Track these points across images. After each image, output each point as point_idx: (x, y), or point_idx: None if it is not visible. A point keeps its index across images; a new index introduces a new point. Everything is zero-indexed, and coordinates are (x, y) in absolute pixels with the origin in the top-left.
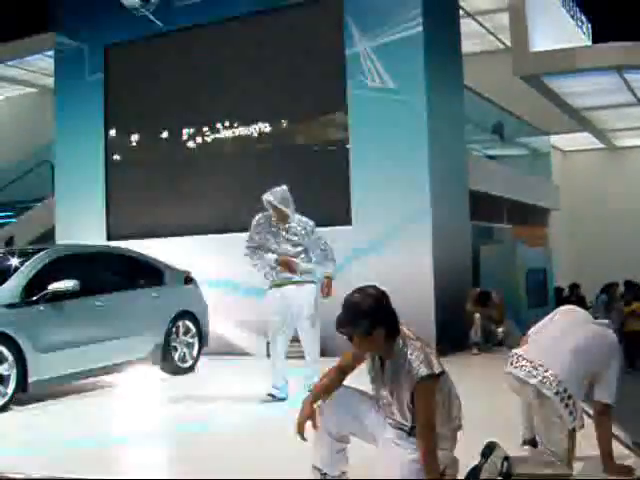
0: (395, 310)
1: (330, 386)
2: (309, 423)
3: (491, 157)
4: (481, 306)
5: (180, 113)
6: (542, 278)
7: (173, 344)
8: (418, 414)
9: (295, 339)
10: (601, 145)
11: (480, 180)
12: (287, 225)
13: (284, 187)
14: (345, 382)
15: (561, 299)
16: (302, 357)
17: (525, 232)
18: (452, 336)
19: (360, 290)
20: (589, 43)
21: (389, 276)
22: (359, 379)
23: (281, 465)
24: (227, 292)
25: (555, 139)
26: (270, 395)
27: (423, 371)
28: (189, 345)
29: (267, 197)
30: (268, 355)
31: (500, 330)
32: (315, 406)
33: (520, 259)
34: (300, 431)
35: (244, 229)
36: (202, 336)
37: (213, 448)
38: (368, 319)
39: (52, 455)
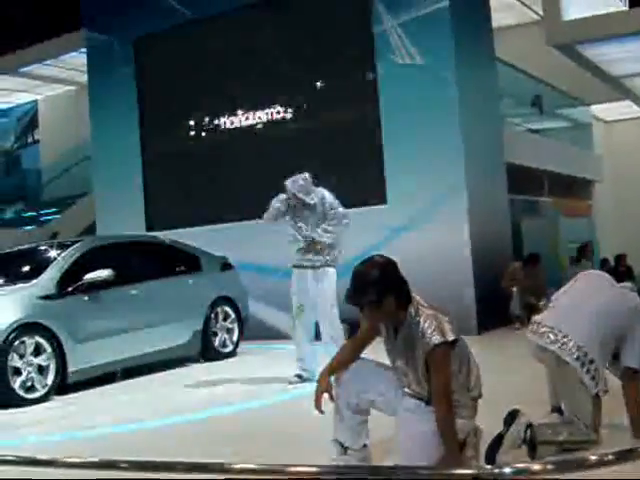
0: (405, 278)
1: (346, 359)
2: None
3: (532, 131)
4: (531, 267)
5: (212, 100)
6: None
7: (213, 330)
8: (433, 382)
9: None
10: None
11: (520, 153)
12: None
13: (305, 175)
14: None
15: (607, 270)
16: None
17: (568, 204)
18: (493, 311)
19: (367, 260)
20: (625, 8)
21: (427, 254)
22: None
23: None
24: (266, 277)
25: (596, 110)
26: (297, 376)
27: (436, 339)
28: (229, 330)
29: (288, 184)
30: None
31: (542, 303)
32: (332, 379)
33: (563, 232)
34: (318, 405)
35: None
36: (242, 321)
37: (245, 426)
38: (376, 288)
39: (95, 440)
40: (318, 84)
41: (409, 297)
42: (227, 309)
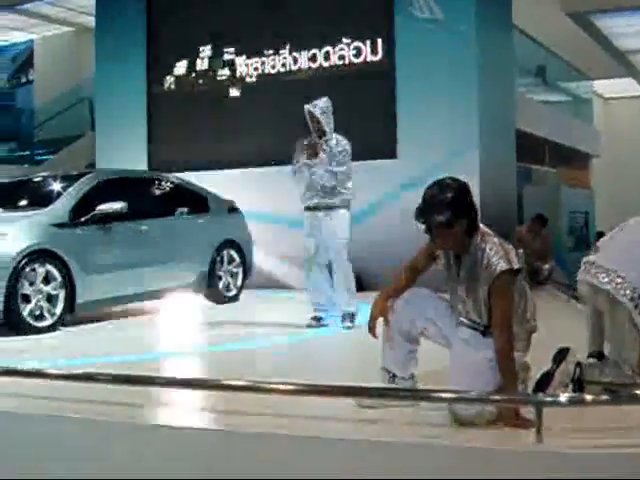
0: (476, 204)
1: (401, 285)
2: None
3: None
4: (538, 227)
5: (221, 43)
6: (584, 221)
7: (218, 273)
8: (495, 311)
9: None
10: None
11: (524, 120)
12: (324, 144)
13: (327, 98)
14: None
15: None
16: None
17: (570, 174)
18: None
19: (442, 181)
20: None
21: None
22: None
23: (335, 373)
24: (269, 225)
25: (597, 85)
26: (314, 319)
27: (502, 266)
28: (233, 274)
29: (309, 107)
30: None
31: (546, 267)
32: (387, 303)
33: (563, 201)
34: (372, 329)
35: (286, 162)
36: (247, 266)
37: (263, 362)
38: (451, 209)
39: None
40: (332, 32)
41: (477, 223)
42: (232, 253)
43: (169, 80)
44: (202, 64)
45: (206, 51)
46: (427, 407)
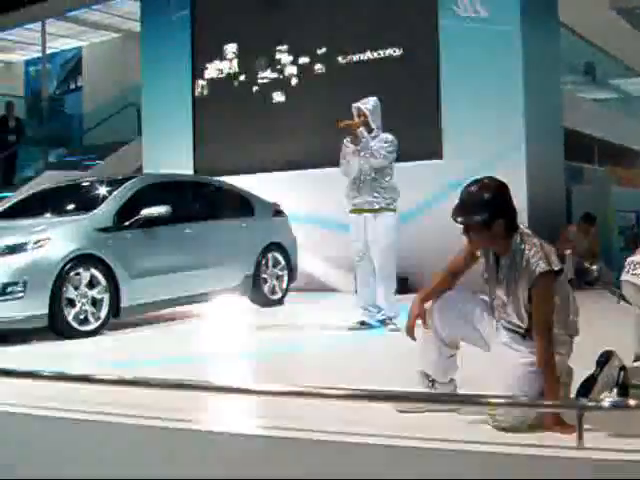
0: (514, 205)
1: (440, 287)
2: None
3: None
4: (587, 226)
5: (267, 46)
6: (635, 220)
7: (263, 276)
8: (535, 313)
9: None
10: None
11: (572, 118)
12: (369, 140)
13: (376, 98)
14: None
15: None
16: None
17: (621, 173)
18: None
19: (480, 180)
20: None
21: None
22: None
23: (376, 376)
24: (315, 228)
25: None
26: (360, 323)
27: (542, 267)
28: (279, 277)
29: (358, 104)
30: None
31: (594, 267)
32: (425, 306)
33: (613, 200)
34: (410, 331)
35: (331, 164)
36: (291, 269)
37: (309, 364)
38: (489, 209)
39: (145, 370)
40: (376, 33)
41: (516, 224)
42: (277, 256)
43: (213, 83)
44: (247, 67)
45: (251, 53)
46: (467, 412)
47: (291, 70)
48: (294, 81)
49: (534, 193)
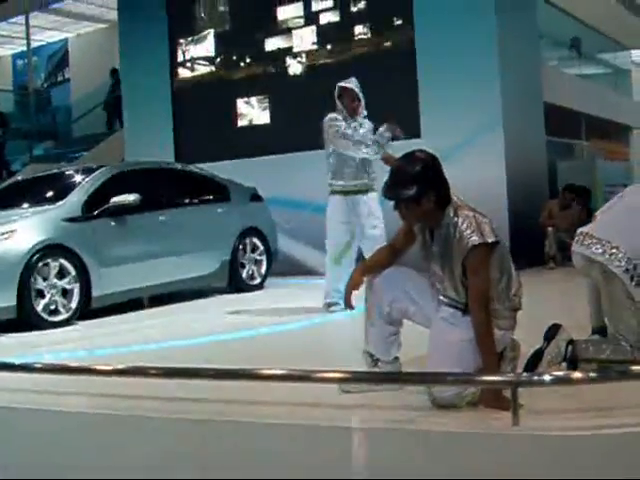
0: (446, 177)
1: (381, 262)
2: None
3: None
4: (570, 199)
5: (244, 33)
6: None
7: (241, 261)
8: (470, 287)
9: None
10: None
11: (557, 94)
12: (359, 121)
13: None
14: None
15: None
16: None
17: (606, 147)
18: (528, 251)
19: (408, 155)
20: None
21: (462, 190)
22: None
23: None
24: (293, 212)
25: (636, 56)
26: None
27: (474, 240)
28: (257, 262)
29: (351, 85)
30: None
31: None
32: (364, 279)
33: (599, 174)
34: (348, 301)
35: (308, 148)
36: (270, 253)
37: (273, 346)
38: (417, 184)
39: (122, 357)
40: (351, 11)
41: (448, 197)
42: (255, 241)
43: (192, 70)
44: (224, 53)
45: (228, 38)
46: (409, 391)
47: (263, 56)
48: (267, 67)
49: (514, 169)
